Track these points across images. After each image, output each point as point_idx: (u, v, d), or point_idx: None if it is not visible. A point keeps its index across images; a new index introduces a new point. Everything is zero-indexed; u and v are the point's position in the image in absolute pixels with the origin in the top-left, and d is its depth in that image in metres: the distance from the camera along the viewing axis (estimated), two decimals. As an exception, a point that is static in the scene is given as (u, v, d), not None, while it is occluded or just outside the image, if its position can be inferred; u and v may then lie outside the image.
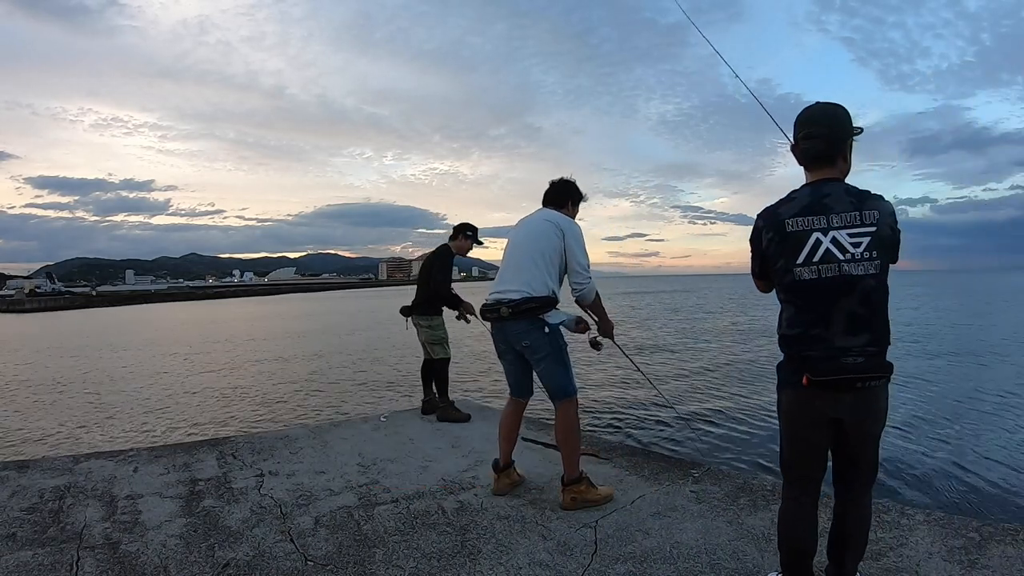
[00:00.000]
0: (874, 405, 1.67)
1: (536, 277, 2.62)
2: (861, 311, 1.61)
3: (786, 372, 1.74)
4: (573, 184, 2.91)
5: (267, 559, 2.22)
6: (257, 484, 3.03)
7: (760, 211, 1.78)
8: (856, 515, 1.77)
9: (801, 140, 1.74)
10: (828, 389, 1.64)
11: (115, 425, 7.72)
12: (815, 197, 1.67)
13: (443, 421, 4.24)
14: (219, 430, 7.20)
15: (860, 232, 1.60)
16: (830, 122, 1.71)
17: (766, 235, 1.73)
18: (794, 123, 1.77)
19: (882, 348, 1.64)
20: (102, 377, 12.14)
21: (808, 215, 1.65)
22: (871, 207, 1.62)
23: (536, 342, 2.62)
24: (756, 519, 2.49)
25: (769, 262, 1.74)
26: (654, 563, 2.15)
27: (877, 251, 1.60)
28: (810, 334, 1.65)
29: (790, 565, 1.80)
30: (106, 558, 2.24)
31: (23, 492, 2.92)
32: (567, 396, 2.67)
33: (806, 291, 1.65)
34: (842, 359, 1.60)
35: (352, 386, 10.15)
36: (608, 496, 2.73)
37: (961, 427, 5.97)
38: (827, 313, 1.63)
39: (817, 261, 1.62)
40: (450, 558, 2.22)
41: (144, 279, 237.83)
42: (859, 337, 1.61)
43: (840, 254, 1.60)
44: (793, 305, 1.70)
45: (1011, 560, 2.07)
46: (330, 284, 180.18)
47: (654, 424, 6.49)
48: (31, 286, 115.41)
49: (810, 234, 1.63)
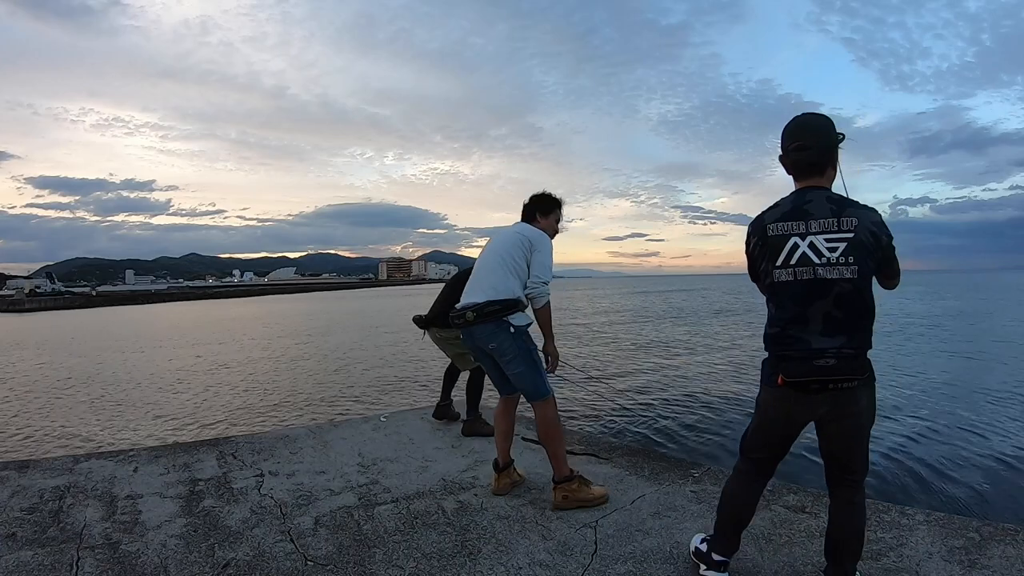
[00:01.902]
0: (851, 406, 1.72)
1: (501, 281, 2.66)
2: (836, 313, 1.68)
3: (766, 370, 1.83)
4: (539, 196, 2.96)
5: (267, 559, 2.23)
6: (257, 484, 3.03)
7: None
8: (849, 513, 1.81)
9: (792, 151, 1.79)
10: (802, 390, 1.71)
11: (115, 425, 7.72)
12: (797, 204, 1.76)
13: (470, 436, 3.86)
14: (219, 430, 7.20)
15: (837, 238, 1.67)
16: (821, 132, 1.77)
17: (752, 239, 1.84)
18: (782, 134, 1.83)
19: (859, 351, 1.70)
20: (102, 377, 12.14)
21: (788, 220, 1.74)
22: (850, 214, 1.69)
23: (503, 344, 2.63)
24: (756, 519, 2.48)
25: (755, 265, 1.86)
26: (654, 563, 2.15)
27: (854, 256, 1.66)
28: (788, 333, 1.73)
29: (721, 527, 1.95)
30: (106, 558, 2.24)
31: (23, 492, 2.92)
32: (541, 397, 2.67)
33: (784, 292, 1.74)
34: (815, 361, 1.67)
35: (352, 386, 10.15)
36: (602, 496, 2.71)
37: (962, 427, 5.97)
38: (803, 314, 1.71)
39: (794, 264, 1.71)
40: (450, 558, 2.22)
41: (144, 279, 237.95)
42: (835, 339, 1.68)
43: (816, 258, 1.68)
44: (774, 305, 1.79)
45: (1011, 560, 2.07)
46: (330, 284, 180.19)
47: (654, 424, 6.49)
48: (31, 286, 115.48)
49: (789, 238, 1.73)
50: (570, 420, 6.56)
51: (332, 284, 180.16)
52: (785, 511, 2.56)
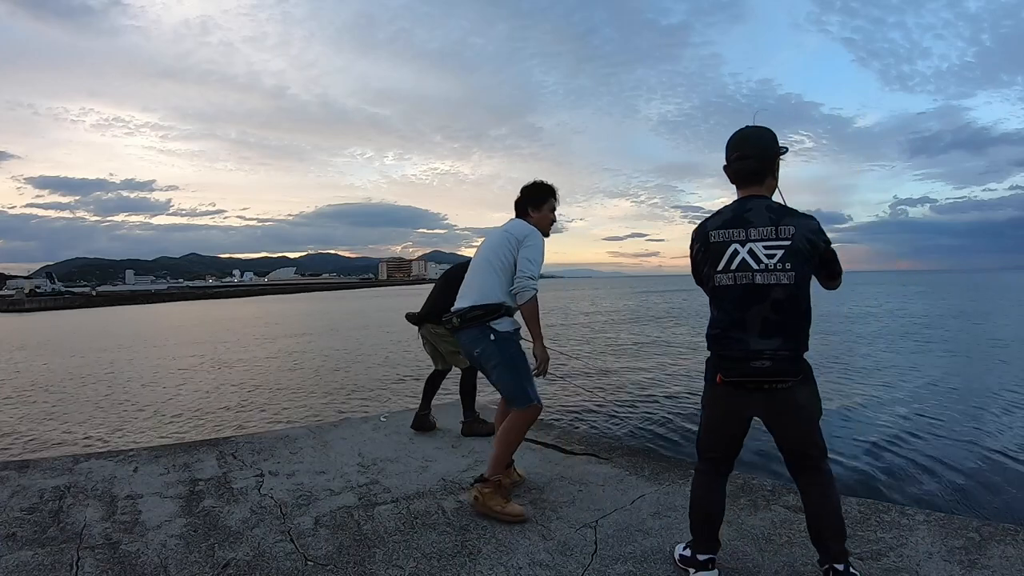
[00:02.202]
0: (787, 404, 1.82)
1: (488, 285, 2.63)
2: (773, 317, 1.77)
3: (707, 369, 1.94)
4: (529, 188, 2.86)
5: (267, 559, 2.23)
6: (257, 484, 3.03)
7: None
8: (819, 493, 1.88)
9: (734, 161, 1.90)
10: (740, 388, 1.83)
11: (115, 425, 7.71)
12: (738, 212, 1.85)
13: (469, 436, 3.87)
14: (219, 430, 7.20)
15: (775, 245, 1.77)
16: (761, 144, 1.88)
17: (696, 245, 1.94)
18: (726, 145, 1.93)
19: (795, 352, 1.79)
20: (102, 377, 12.14)
21: (729, 228, 1.84)
22: (788, 223, 1.78)
23: (486, 350, 2.60)
24: (756, 519, 2.49)
25: (698, 269, 1.95)
26: (654, 563, 2.15)
27: (791, 263, 1.75)
28: (728, 335, 1.83)
29: (697, 529, 2.01)
30: (106, 558, 2.24)
31: (23, 492, 2.92)
32: (520, 404, 2.60)
33: (724, 295, 1.84)
34: (752, 362, 1.78)
35: (352, 386, 10.14)
36: (515, 515, 2.50)
37: (961, 427, 5.97)
38: (742, 317, 1.80)
39: (734, 269, 1.81)
40: (450, 558, 2.22)
41: (144, 279, 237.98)
42: (771, 341, 1.77)
43: (755, 264, 1.78)
44: (715, 308, 1.89)
45: (1011, 560, 2.07)
46: (330, 284, 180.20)
47: (654, 424, 6.48)
48: (31, 286, 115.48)
49: (729, 244, 1.83)
50: (570, 420, 6.56)
51: (332, 284, 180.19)
52: (785, 511, 2.56)
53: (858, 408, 6.85)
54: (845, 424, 6.10)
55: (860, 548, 2.20)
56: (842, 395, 7.60)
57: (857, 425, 6.03)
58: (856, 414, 6.54)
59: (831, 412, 6.68)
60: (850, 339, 14.20)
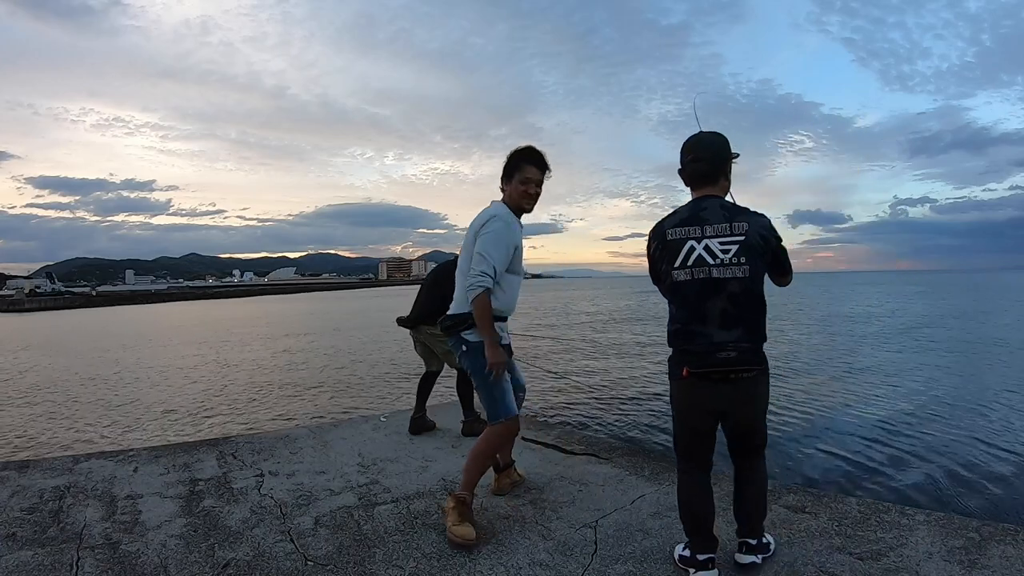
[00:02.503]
0: (751, 393, 1.92)
1: (457, 290, 2.52)
2: (732, 310, 1.84)
3: (672, 365, 1.99)
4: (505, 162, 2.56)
5: (267, 559, 2.23)
6: (257, 484, 3.03)
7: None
8: (754, 478, 2.04)
9: (689, 163, 1.98)
10: (706, 380, 1.88)
11: (115, 425, 7.71)
12: (694, 211, 1.93)
13: (469, 436, 3.81)
14: (219, 430, 7.20)
15: (730, 241, 1.85)
16: (714, 147, 1.97)
17: (653, 244, 2.00)
18: (681, 149, 2.01)
19: (755, 343, 1.88)
20: (102, 377, 12.14)
21: (685, 226, 1.91)
22: (741, 220, 1.86)
23: (462, 360, 2.50)
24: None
25: (656, 267, 2.00)
26: (654, 563, 2.15)
27: (746, 257, 1.83)
28: (688, 329, 1.90)
29: (692, 530, 2.03)
30: (106, 558, 2.25)
31: (23, 492, 2.93)
32: (491, 419, 2.45)
33: (682, 291, 1.90)
34: (718, 354, 1.84)
35: (352, 386, 10.14)
36: (462, 537, 2.27)
37: (961, 427, 5.97)
38: (702, 310, 1.87)
39: (691, 265, 1.87)
40: (450, 558, 2.22)
41: (144, 279, 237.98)
42: (732, 332, 1.84)
43: (711, 259, 1.85)
44: (675, 304, 1.95)
45: (1011, 560, 2.07)
46: (330, 284, 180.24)
47: (654, 424, 6.48)
48: (31, 286, 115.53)
49: (686, 242, 1.89)
50: (570, 420, 6.56)
51: (332, 284, 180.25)
52: (785, 511, 2.56)
53: (858, 407, 6.84)
54: (845, 423, 6.10)
55: (860, 548, 2.19)
56: (843, 394, 7.60)
57: (857, 425, 6.03)
58: (856, 414, 6.54)
59: (832, 411, 6.68)
60: (851, 339, 14.22)
